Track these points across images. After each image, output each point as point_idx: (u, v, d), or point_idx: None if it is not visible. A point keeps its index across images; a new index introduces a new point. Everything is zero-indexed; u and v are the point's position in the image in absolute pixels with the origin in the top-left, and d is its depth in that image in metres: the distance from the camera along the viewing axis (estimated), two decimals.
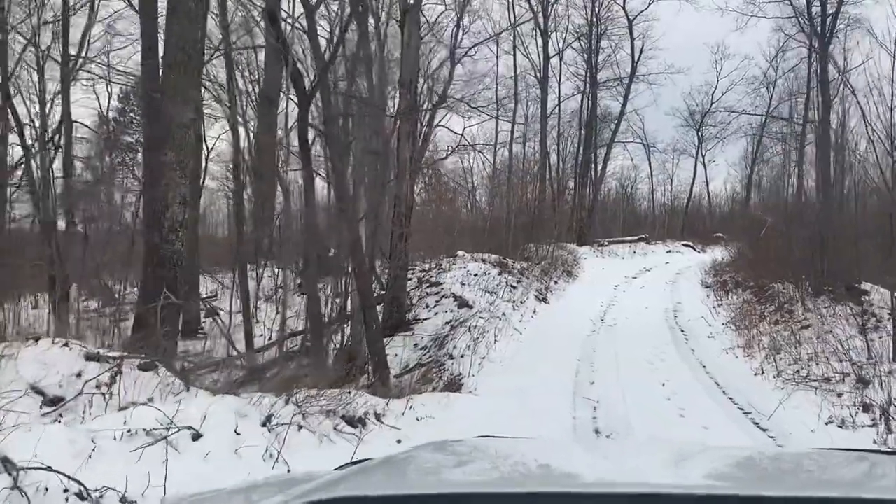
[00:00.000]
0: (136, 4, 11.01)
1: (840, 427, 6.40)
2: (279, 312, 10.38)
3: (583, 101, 28.82)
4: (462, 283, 13.00)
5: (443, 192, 22.63)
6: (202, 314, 14.63)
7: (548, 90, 27.08)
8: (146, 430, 4.04)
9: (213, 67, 11.49)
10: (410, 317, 12.19)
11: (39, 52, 9.95)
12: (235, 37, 11.19)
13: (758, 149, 31.55)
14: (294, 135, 11.50)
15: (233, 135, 10.75)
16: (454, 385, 8.03)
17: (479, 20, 18.81)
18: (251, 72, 15.39)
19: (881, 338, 8.59)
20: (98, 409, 4.66)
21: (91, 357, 5.05)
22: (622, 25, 28.23)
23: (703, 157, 33.49)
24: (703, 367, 9.40)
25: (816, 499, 1.11)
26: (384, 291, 11.99)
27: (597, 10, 27.79)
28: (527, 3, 26.22)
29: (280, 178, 13.74)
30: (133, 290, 12.64)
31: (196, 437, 4.20)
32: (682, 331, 12.34)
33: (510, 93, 25.74)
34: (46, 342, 5.16)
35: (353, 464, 1.91)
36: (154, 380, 4.64)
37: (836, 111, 20.37)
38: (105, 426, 4.05)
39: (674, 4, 29.32)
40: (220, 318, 12.86)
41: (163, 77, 6.99)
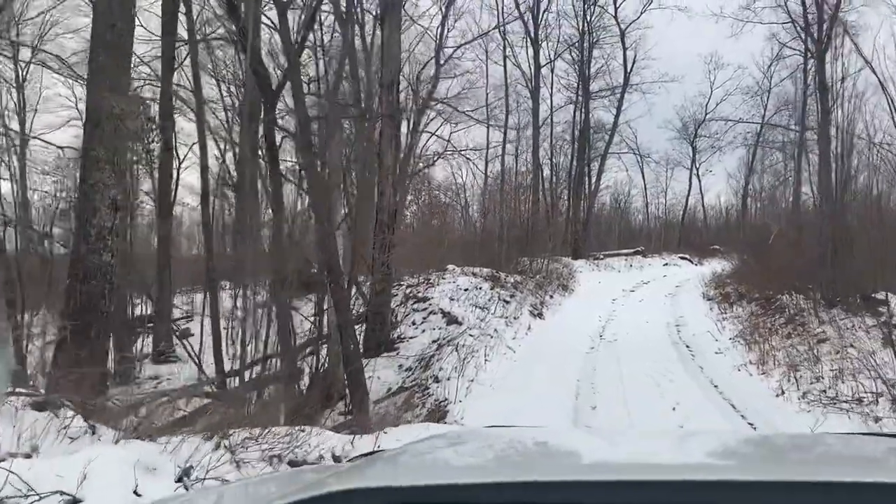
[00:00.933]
0: None
1: None
2: (248, 335, 9.50)
3: (575, 113, 28.22)
4: (451, 299, 12.15)
5: (433, 205, 21.88)
6: (174, 336, 13.75)
7: (539, 100, 26.46)
8: None
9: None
10: (395, 335, 11.32)
11: None
12: (203, 33, 10.43)
13: (753, 158, 31.03)
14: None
15: (200, 142, 9.94)
16: (438, 412, 7.16)
17: (465, 22, 18.14)
18: (237, 85, 14.64)
19: None
20: None
21: None
22: (614, 34, 27.73)
23: (698, 170, 32.96)
24: (715, 387, 8.55)
25: (821, 483, 1.10)
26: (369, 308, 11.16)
27: (588, 19, 27.30)
28: (517, 12, 25.75)
29: (265, 191, 12.90)
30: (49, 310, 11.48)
31: None
32: (688, 346, 11.50)
33: (501, 103, 25.13)
34: None
35: (365, 455, 2.01)
36: (53, 422, 3.67)
37: (835, 117, 19.92)
38: None
39: (666, 14, 28.75)
40: (188, 342, 11.99)
41: (90, 59, 6.18)
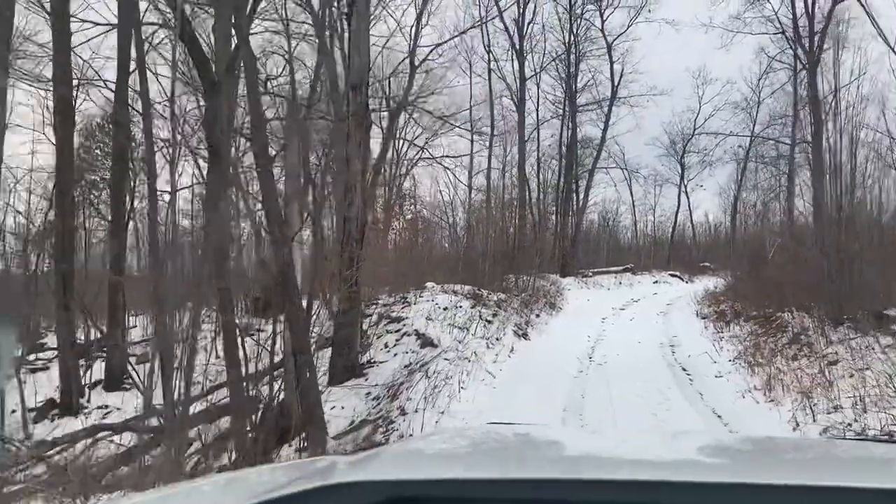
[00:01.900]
0: None
1: None
2: (181, 362, 8.45)
3: (563, 127, 27.54)
4: (428, 319, 11.17)
5: (414, 221, 20.98)
6: (130, 362, 12.65)
7: (525, 113, 25.75)
8: None
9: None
10: (366, 359, 10.31)
11: None
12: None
13: (743, 174, 30.50)
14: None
15: (146, 145, 8.98)
16: None
17: (446, 28, 17.38)
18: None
19: None
20: None
21: None
22: (601, 46, 27.16)
23: (686, 186, 32.44)
24: (719, 417, 7.60)
25: (820, 487, 1.09)
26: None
27: (574, 31, 26.73)
28: (501, 24, 25.16)
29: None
30: None
31: None
32: (684, 369, 10.58)
33: (486, 116, 24.43)
34: None
35: (366, 448, 1.74)
36: None
37: (828, 128, 19.38)
38: None
39: (654, 27, 28.21)
40: (142, 367, 10.93)
41: None
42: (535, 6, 25.50)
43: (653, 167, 32.92)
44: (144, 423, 8.26)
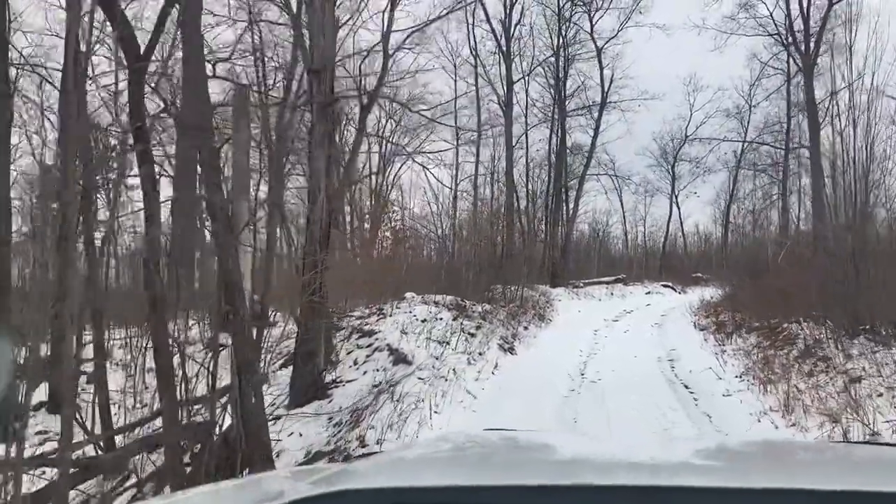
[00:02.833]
0: None
1: None
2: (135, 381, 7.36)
3: (551, 134, 26.68)
4: (403, 332, 10.09)
5: (396, 230, 19.95)
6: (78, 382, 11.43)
7: (512, 118, 24.85)
8: None
9: None
10: (331, 378, 9.21)
11: None
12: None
13: (735, 182, 29.79)
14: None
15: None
16: None
17: (431, 28, 16.45)
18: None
19: None
20: None
21: None
22: (590, 50, 26.38)
23: (677, 197, 31.73)
24: None
25: (818, 491, 1.08)
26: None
27: (563, 34, 25.93)
28: (488, 26, 24.37)
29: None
30: None
31: None
32: (687, 386, 9.55)
33: (472, 121, 23.57)
34: None
35: (362, 457, 2.12)
36: None
37: (827, 132, 18.67)
38: None
39: (644, 32, 27.48)
40: (87, 389, 9.78)
41: None
42: (522, 8, 24.77)
43: (644, 175, 31.88)
44: (67, 455, 7.14)
